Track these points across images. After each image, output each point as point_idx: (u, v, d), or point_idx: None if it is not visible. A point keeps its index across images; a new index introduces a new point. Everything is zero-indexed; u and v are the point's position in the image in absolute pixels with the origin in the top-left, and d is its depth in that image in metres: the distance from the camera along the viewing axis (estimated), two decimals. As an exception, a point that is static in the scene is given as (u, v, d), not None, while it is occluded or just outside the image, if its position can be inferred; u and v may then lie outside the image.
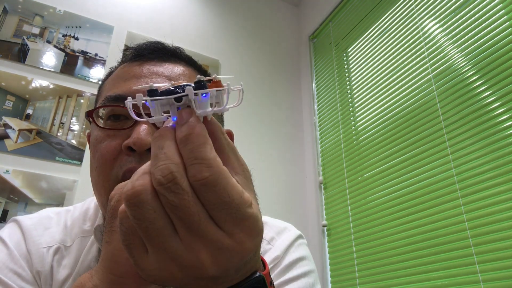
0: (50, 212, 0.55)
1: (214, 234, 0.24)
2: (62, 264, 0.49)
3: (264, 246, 0.59)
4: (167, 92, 0.26)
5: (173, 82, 0.27)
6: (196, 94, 0.26)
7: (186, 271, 0.25)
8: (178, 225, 0.24)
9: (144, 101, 0.26)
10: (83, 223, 0.53)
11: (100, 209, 0.52)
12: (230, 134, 0.58)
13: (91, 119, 0.49)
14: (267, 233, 0.60)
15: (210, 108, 0.28)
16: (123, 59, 0.55)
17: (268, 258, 0.55)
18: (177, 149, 0.25)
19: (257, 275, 0.28)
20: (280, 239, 0.58)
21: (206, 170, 0.24)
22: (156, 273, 0.25)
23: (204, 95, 0.27)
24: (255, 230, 0.26)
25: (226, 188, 0.24)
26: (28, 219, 0.52)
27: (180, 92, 0.26)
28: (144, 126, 0.44)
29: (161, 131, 0.26)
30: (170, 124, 0.27)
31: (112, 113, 0.47)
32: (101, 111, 0.49)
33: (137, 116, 0.28)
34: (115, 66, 0.55)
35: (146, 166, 0.26)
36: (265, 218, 0.62)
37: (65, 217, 0.55)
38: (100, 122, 0.48)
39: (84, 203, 0.58)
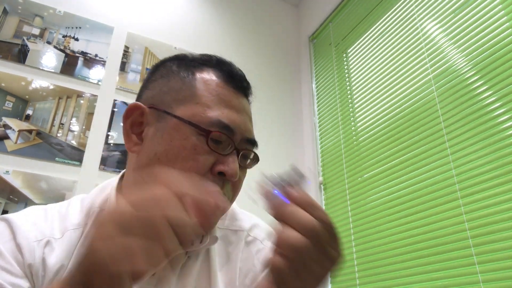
0: (35, 209, 0.57)
1: (333, 253, 0.42)
2: (53, 256, 0.50)
3: (257, 245, 0.63)
4: (284, 180, 0.44)
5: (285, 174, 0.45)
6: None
7: (318, 279, 0.43)
8: (318, 252, 0.40)
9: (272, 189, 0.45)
10: (72, 216, 0.55)
11: None
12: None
13: (191, 125, 0.52)
14: (258, 233, 0.64)
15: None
16: (212, 67, 0.59)
17: (263, 260, 0.60)
18: (306, 212, 0.40)
19: None
20: (269, 242, 0.63)
21: (328, 219, 0.41)
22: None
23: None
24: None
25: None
26: (15, 216, 0.53)
27: (298, 179, 0.44)
28: (236, 163, 0.53)
29: (290, 204, 0.41)
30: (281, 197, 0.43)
31: (217, 138, 0.52)
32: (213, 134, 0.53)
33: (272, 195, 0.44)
34: (202, 67, 0.59)
35: (291, 232, 0.40)
36: (238, 209, 0.68)
37: (51, 212, 0.56)
38: (206, 141, 0.52)
39: (70, 201, 0.59)
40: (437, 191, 1.32)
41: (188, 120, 0.52)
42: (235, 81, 0.59)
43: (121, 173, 0.61)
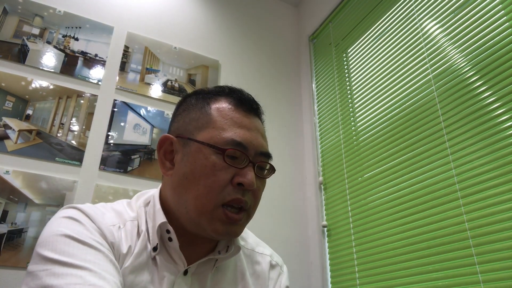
0: (93, 205, 0.64)
1: None
2: (123, 238, 0.60)
3: (278, 269, 0.76)
4: None
5: None
6: None
7: None
8: None
9: None
10: (126, 213, 0.65)
11: (177, 211, 0.63)
12: None
13: (211, 148, 0.61)
14: (278, 260, 0.78)
15: None
16: (225, 95, 0.68)
17: (283, 284, 0.74)
18: None
19: None
20: (285, 267, 0.78)
21: None
22: None
23: None
24: None
25: None
26: (84, 206, 0.61)
27: None
28: (253, 172, 0.61)
29: None
30: None
31: (232, 154, 0.61)
32: (216, 141, 0.62)
33: None
34: (216, 97, 0.68)
35: None
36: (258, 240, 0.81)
37: (108, 207, 0.65)
38: (223, 158, 0.61)
39: (117, 202, 0.69)
40: (437, 191, 1.32)
41: (207, 143, 0.62)
42: (245, 105, 0.67)
43: (159, 187, 0.71)
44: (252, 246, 0.76)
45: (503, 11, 1.24)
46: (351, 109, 1.91)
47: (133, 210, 0.67)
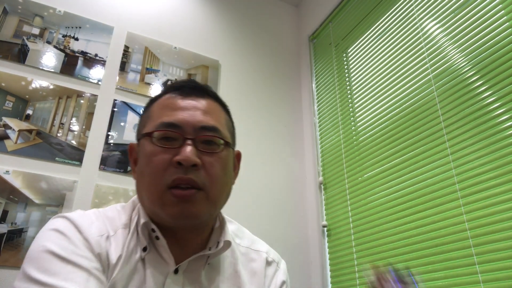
0: (83, 212, 0.64)
1: None
2: (113, 248, 0.59)
3: (275, 266, 0.75)
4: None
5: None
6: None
7: None
8: None
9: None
10: (119, 219, 0.65)
11: (144, 207, 0.64)
12: (239, 155, 0.73)
13: (147, 137, 0.63)
14: (274, 256, 0.77)
15: None
16: (165, 90, 0.70)
17: (279, 280, 0.73)
18: None
19: None
20: (282, 263, 0.77)
21: None
22: None
23: None
24: None
25: None
26: (73, 215, 0.60)
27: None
28: (190, 148, 0.59)
29: None
30: None
31: (164, 136, 0.62)
32: (156, 133, 0.63)
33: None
34: (159, 95, 0.70)
35: None
36: (254, 236, 0.80)
37: (100, 215, 0.65)
38: (154, 141, 0.62)
39: (111, 207, 0.69)
40: (437, 191, 1.32)
41: (142, 134, 0.65)
42: (182, 89, 0.67)
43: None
44: (248, 243, 0.75)
45: (503, 11, 1.24)
46: (351, 109, 1.91)
47: (127, 214, 0.67)
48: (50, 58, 1.70)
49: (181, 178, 0.58)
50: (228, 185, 0.66)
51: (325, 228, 1.86)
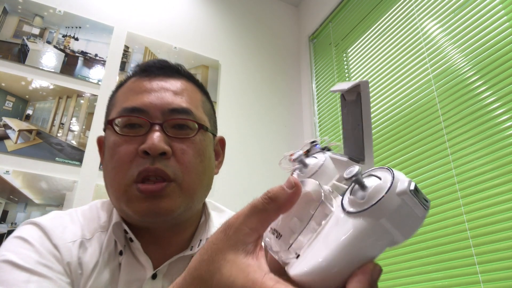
0: (59, 213, 0.59)
1: None
2: (88, 254, 0.53)
3: None
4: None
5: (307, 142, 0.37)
6: None
7: None
8: None
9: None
10: (98, 220, 0.58)
11: (114, 205, 0.58)
12: (223, 141, 0.66)
13: (109, 126, 0.56)
14: None
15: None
16: (131, 74, 0.62)
17: None
18: None
19: None
20: None
21: None
22: None
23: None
24: None
25: None
26: (44, 220, 0.55)
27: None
28: (157, 134, 0.52)
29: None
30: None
31: (128, 122, 0.55)
32: (118, 120, 0.56)
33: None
34: (124, 80, 0.62)
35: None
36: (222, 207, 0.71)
37: (76, 216, 0.59)
38: (117, 129, 0.55)
39: (90, 205, 0.63)
40: (437, 191, 1.32)
41: (104, 123, 0.57)
42: (148, 70, 0.60)
43: None
44: None
45: (503, 11, 1.24)
46: (351, 109, 1.91)
47: (106, 212, 0.60)
48: (50, 58, 1.70)
49: (148, 169, 0.51)
50: (206, 174, 0.58)
51: (325, 228, 1.86)
